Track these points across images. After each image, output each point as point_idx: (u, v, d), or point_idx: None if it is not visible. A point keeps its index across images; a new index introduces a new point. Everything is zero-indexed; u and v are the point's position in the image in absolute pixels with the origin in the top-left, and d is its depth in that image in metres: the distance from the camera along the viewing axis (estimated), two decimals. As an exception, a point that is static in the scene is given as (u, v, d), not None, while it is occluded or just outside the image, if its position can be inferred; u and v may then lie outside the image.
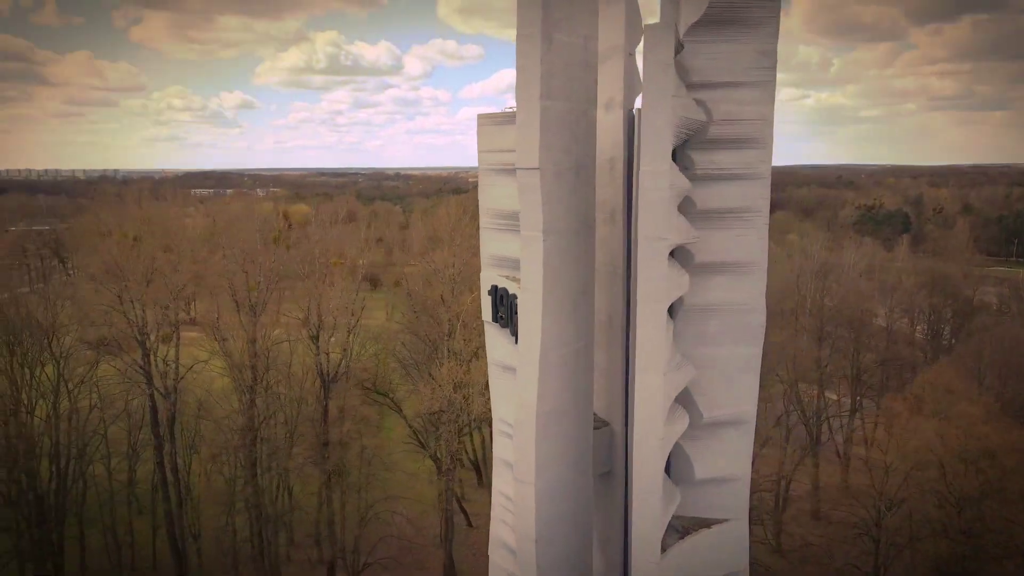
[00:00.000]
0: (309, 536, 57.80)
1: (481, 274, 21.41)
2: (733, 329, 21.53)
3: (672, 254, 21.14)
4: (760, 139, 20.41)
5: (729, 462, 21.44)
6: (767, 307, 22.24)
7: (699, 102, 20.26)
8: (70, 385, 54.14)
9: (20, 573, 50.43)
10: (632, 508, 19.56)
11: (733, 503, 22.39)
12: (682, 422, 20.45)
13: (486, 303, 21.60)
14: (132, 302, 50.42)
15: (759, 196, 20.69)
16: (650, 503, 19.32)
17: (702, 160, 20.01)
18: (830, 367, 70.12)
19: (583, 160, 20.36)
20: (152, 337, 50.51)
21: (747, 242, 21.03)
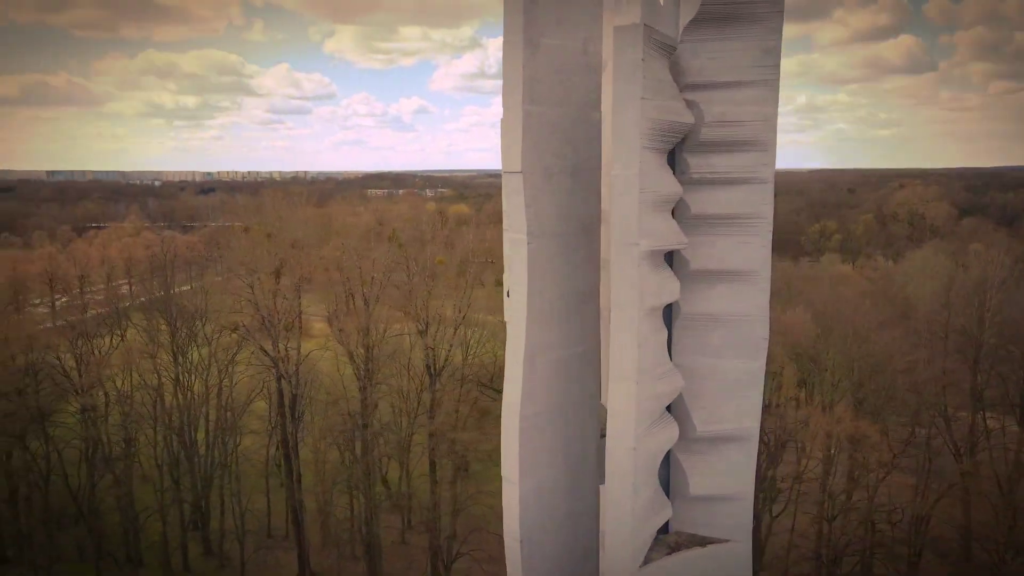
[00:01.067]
0: (416, 522, 60.69)
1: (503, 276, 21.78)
2: (735, 341, 20.52)
3: (668, 258, 20.76)
4: (761, 141, 19.34)
5: (729, 480, 20.52)
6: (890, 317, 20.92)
7: (691, 103, 19.77)
8: (220, 364, 60.87)
9: (180, 523, 57.62)
10: (603, 517, 19.44)
11: (734, 523, 21.56)
12: (667, 433, 19.94)
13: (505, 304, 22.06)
14: (265, 292, 55.85)
15: (761, 202, 19.60)
16: (620, 513, 19.04)
17: (697, 164, 19.34)
18: (988, 391, 62.79)
19: (584, 163, 20.46)
20: (278, 325, 55.52)
21: (748, 250, 19.97)
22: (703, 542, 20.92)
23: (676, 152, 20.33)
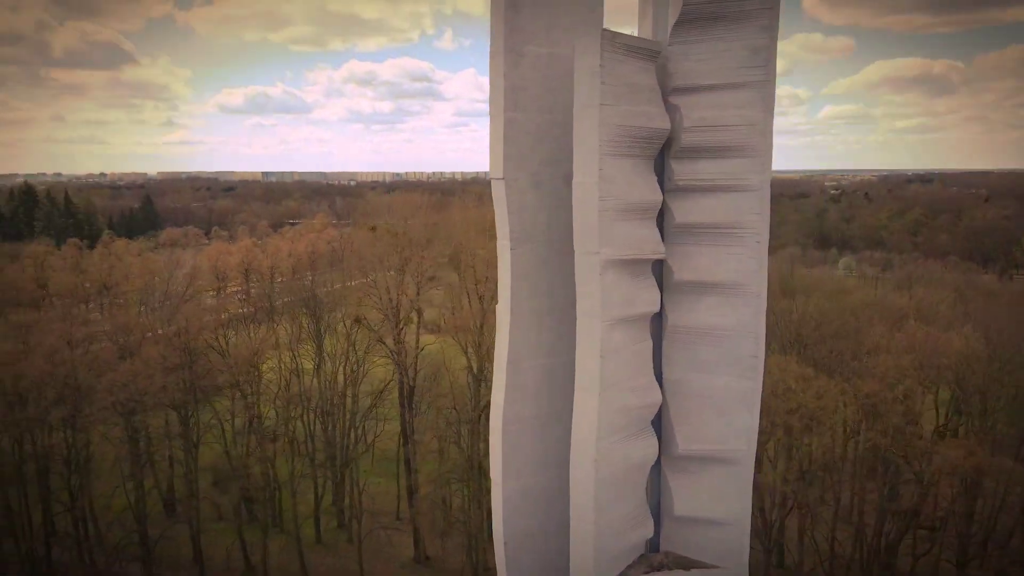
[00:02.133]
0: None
1: None
2: (725, 357, 19.44)
3: (659, 268, 20.51)
4: (748, 147, 18.26)
5: (717, 503, 19.65)
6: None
7: (674, 108, 19.38)
8: (358, 355, 65.82)
9: (315, 497, 63.14)
10: (571, 528, 19.53)
11: (725, 549, 20.86)
12: (644, 449, 19.64)
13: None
14: (388, 288, 59.58)
15: (750, 211, 18.50)
16: (583, 525, 19.02)
17: (681, 170, 18.71)
18: None
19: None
20: (400, 317, 58.93)
21: (737, 262, 18.83)
22: (688, 565, 20.25)
23: (664, 159, 19.81)
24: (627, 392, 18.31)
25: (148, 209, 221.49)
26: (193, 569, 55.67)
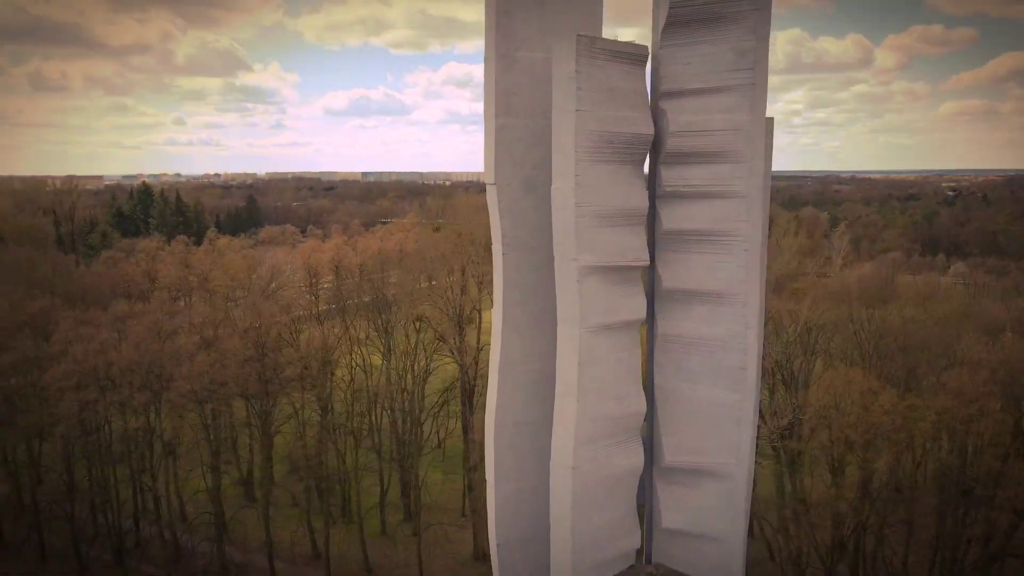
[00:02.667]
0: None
1: None
2: (713, 368, 19.05)
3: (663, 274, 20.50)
4: (734, 152, 17.93)
5: (707, 519, 19.43)
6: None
7: (662, 113, 19.41)
8: (427, 352, 67.34)
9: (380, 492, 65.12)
10: (551, 534, 19.82)
11: (715, 565, 20.77)
12: (627, 458, 19.73)
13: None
14: (450, 287, 60.58)
15: (737, 218, 18.13)
16: (560, 531, 19.25)
17: (669, 176, 18.58)
18: None
19: (572, 174, 20.57)
20: (461, 317, 59.75)
21: (725, 270, 18.46)
22: (676, 579, 19.93)
23: (653, 164, 19.66)
24: (609, 400, 18.24)
25: (252, 208, 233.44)
26: (262, 551, 58.46)
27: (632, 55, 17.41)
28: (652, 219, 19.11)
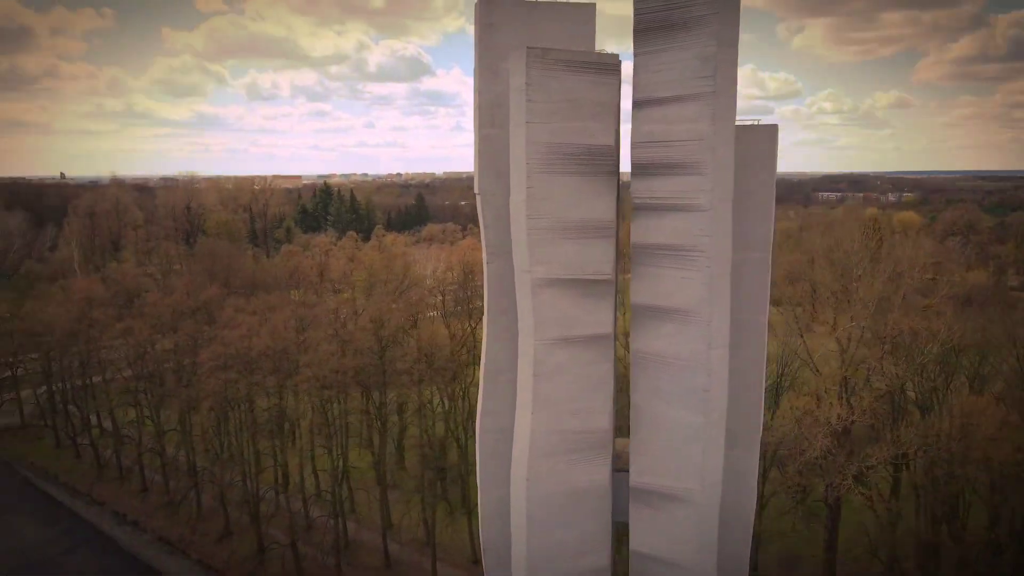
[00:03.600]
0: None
1: None
2: (681, 389, 18.27)
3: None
4: (699, 164, 17.19)
5: (675, 544, 18.97)
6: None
7: (650, 121, 19.42)
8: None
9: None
10: (512, 546, 20.36)
11: None
12: (588, 474, 19.86)
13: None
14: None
15: (699, 232, 17.37)
16: (519, 544, 19.70)
17: (638, 188, 18.34)
18: None
19: (562, 184, 21.18)
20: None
21: (688, 287, 17.67)
22: (639, 605, 19.89)
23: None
24: (568, 414, 18.27)
25: (420, 206, 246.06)
26: (380, 531, 62.15)
27: (599, 64, 17.02)
28: (637, 232, 18.58)
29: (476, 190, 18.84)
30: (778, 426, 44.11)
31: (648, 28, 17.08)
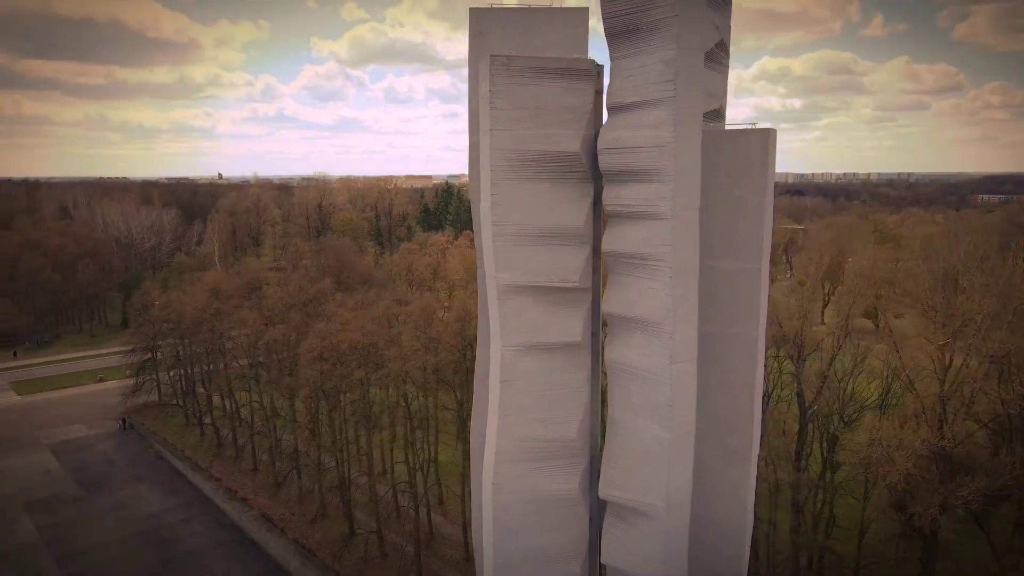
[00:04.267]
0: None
1: None
2: (648, 402, 17.82)
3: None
4: (660, 171, 16.79)
5: (638, 559, 18.78)
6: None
7: (617, 127, 19.75)
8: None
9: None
10: (481, 552, 21.02)
11: None
12: (555, 483, 20.09)
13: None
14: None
15: (659, 241, 16.96)
16: (482, 550, 20.22)
17: (607, 195, 18.26)
18: None
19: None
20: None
21: (651, 297, 17.20)
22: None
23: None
24: (535, 422, 18.50)
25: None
26: (461, 524, 63.82)
27: (570, 70, 16.80)
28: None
29: (472, 196, 19.19)
30: (862, 447, 41.11)
31: (616, 32, 16.70)
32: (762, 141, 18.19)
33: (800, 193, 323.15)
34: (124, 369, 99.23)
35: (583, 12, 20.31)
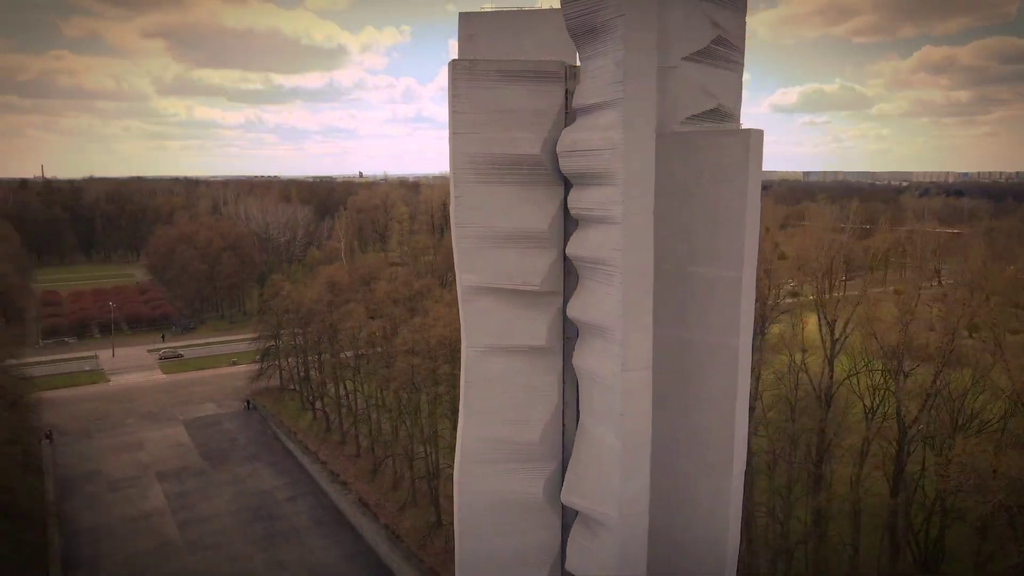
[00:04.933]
0: None
1: None
2: (606, 409, 17.55)
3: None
4: (612, 173, 16.59)
5: (597, 567, 18.78)
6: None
7: (577, 130, 20.19)
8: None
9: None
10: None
11: None
12: (519, 485, 20.53)
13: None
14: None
15: (612, 246, 16.75)
16: (456, 544, 20.97)
17: (571, 198, 18.34)
18: None
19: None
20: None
21: (606, 302, 16.95)
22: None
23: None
24: (499, 423, 19.04)
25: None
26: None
27: (537, 73, 16.67)
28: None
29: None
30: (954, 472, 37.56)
31: (578, 34, 16.41)
32: (742, 143, 17.13)
33: (959, 194, 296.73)
34: (252, 354, 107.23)
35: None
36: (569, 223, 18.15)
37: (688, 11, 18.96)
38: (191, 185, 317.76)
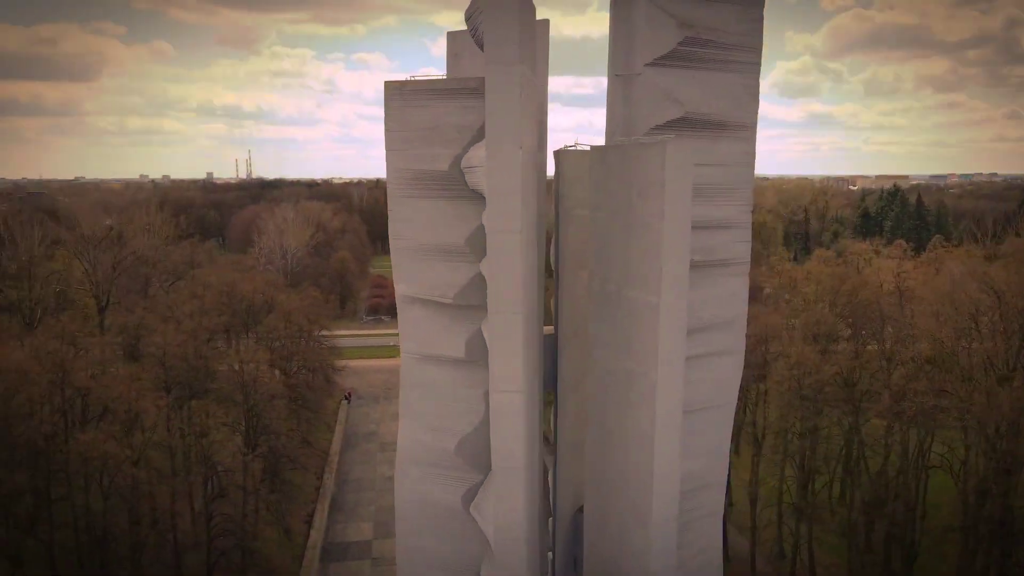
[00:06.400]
0: None
1: None
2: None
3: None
4: (483, 190, 16.70)
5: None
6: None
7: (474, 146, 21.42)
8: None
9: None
10: None
11: None
12: (444, 492, 22.15)
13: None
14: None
15: (485, 266, 16.89)
16: (400, 542, 23.00)
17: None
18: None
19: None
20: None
21: (484, 324, 16.88)
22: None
23: None
24: (427, 429, 20.79)
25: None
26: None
27: (460, 89, 16.65)
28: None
29: None
30: None
31: (481, 48, 16.02)
32: (658, 157, 14.98)
33: None
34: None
35: (544, 24, 19.18)
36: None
37: (650, 14, 17.23)
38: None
